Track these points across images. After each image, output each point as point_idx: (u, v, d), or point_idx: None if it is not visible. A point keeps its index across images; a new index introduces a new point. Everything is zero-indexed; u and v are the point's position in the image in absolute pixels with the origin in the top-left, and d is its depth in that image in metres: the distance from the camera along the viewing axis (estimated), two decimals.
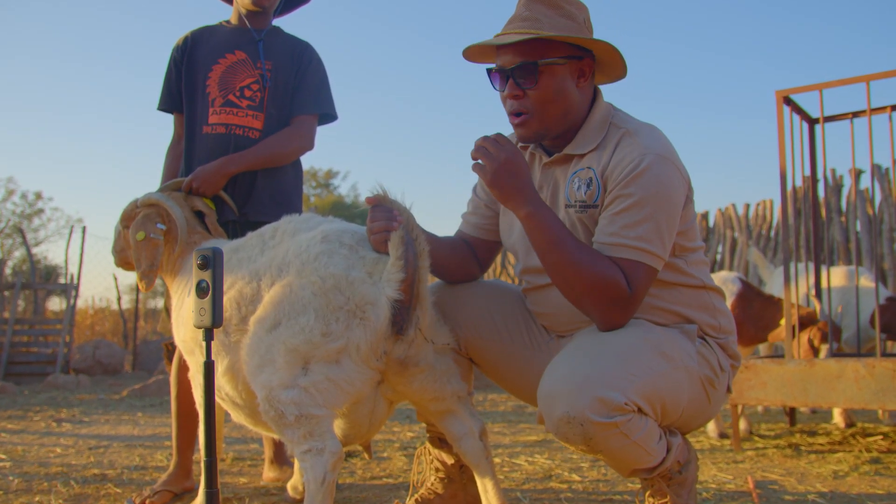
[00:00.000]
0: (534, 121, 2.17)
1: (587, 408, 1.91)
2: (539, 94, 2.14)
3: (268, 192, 3.14)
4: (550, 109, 2.16)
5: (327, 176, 37.52)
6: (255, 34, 3.20)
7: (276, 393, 2.02)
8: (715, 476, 3.36)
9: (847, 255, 9.32)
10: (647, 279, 2.06)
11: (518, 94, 2.15)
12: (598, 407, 1.91)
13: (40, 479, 3.43)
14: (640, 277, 2.05)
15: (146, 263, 2.68)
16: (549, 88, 2.14)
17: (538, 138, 2.22)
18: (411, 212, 2.18)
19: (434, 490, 2.50)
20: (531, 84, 2.14)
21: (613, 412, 1.92)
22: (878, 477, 3.33)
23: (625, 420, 1.93)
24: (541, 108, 2.16)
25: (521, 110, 2.17)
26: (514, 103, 2.17)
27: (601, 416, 1.91)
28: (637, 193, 2.04)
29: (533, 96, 2.15)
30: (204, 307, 1.91)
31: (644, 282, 2.06)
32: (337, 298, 2.06)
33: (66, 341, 10.95)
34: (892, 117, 4.19)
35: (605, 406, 1.91)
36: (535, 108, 2.16)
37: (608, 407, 1.91)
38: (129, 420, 6.01)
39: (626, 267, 2.04)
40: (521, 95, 2.15)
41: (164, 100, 3.30)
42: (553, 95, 2.15)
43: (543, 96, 2.14)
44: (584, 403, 1.91)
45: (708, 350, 2.21)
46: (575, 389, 1.93)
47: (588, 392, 1.92)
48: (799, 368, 3.82)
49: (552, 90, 2.15)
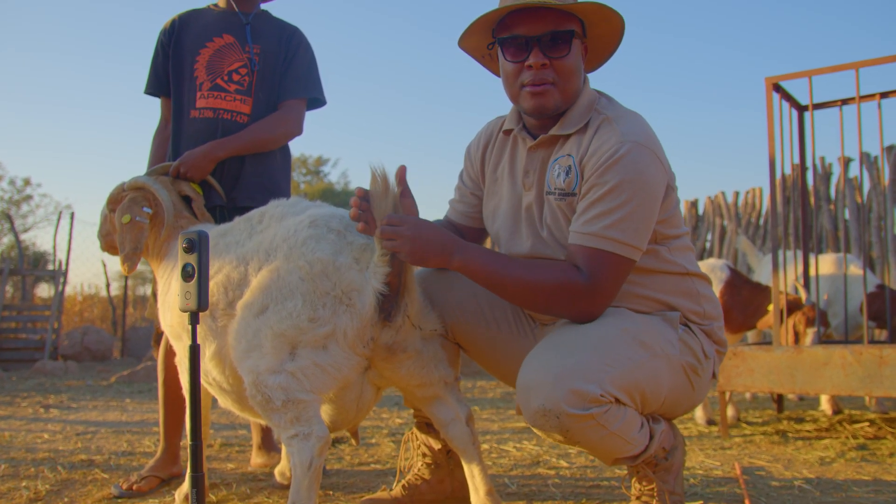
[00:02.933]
0: (556, 91, 2.14)
1: (562, 400, 1.90)
2: (566, 65, 2.13)
3: (256, 177, 3.12)
4: (573, 81, 2.15)
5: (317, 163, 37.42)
6: (243, 17, 3.17)
7: (264, 378, 2.01)
8: (702, 462, 3.37)
9: (836, 243, 9.35)
10: (614, 268, 2.04)
11: (545, 63, 2.12)
12: (573, 399, 1.90)
13: (27, 464, 3.42)
14: (605, 267, 2.02)
15: (130, 246, 2.66)
16: (574, 61, 2.14)
17: (553, 111, 2.18)
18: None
19: (421, 475, 2.51)
20: (563, 53, 2.11)
21: (589, 404, 1.91)
22: (864, 463, 3.35)
23: (601, 411, 1.92)
24: (565, 79, 2.14)
25: (544, 80, 2.13)
26: (536, 74, 2.13)
27: (577, 408, 1.90)
28: (612, 181, 2.02)
29: (559, 67, 2.12)
30: (189, 290, 1.89)
31: (610, 271, 2.03)
32: (324, 284, 2.05)
33: (54, 327, 10.91)
34: (881, 105, 4.20)
35: (581, 398, 1.90)
36: (560, 79, 2.13)
37: (584, 399, 1.91)
38: (117, 406, 5.99)
39: (591, 256, 2.02)
40: (547, 65, 2.12)
41: (151, 83, 3.27)
42: (576, 68, 2.15)
43: (570, 67, 2.13)
44: (560, 396, 1.90)
45: (691, 337, 2.20)
46: (550, 381, 1.93)
47: (563, 384, 1.91)
48: (786, 355, 3.83)
49: (576, 64, 2.15)
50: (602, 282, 2.03)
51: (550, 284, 2.03)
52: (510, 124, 2.34)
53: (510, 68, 2.18)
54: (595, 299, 2.05)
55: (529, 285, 2.04)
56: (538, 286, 2.04)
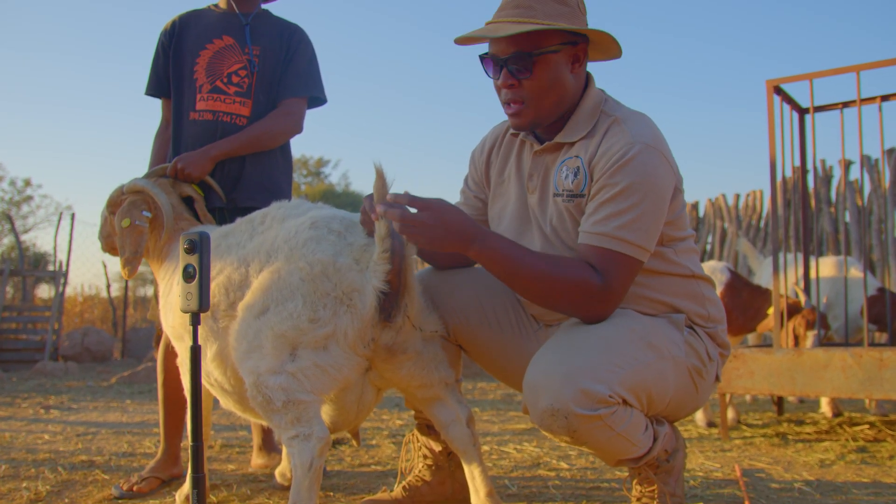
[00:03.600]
0: (529, 110, 2.13)
1: (571, 400, 1.90)
2: (534, 85, 2.10)
3: (256, 178, 3.11)
4: (546, 99, 2.13)
5: (318, 164, 37.41)
6: (243, 18, 3.17)
7: (264, 378, 2.02)
8: (702, 464, 3.37)
9: (836, 245, 9.35)
10: (626, 269, 2.03)
11: (513, 84, 2.11)
12: (582, 399, 1.90)
13: (28, 465, 3.42)
14: (618, 268, 2.02)
15: (130, 250, 2.66)
16: (544, 78, 2.10)
17: (533, 127, 2.20)
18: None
19: (422, 477, 2.51)
20: (526, 74, 2.09)
21: (598, 404, 1.91)
22: (864, 466, 3.34)
23: (609, 412, 1.92)
24: (536, 98, 2.12)
25: (515, 100, 2.13)
26: (508, 93, 2.13)
27: (585, 408, 1.90)
28: (623, 182, 2.02)
29: (528, 86, 2.11)
30: (191, 291, 1.90)
31: (622, 272, 2.03)
32: (324, 285, 2.05)
33: (54, 328, 10.90)
34: (882, 108, 4.20)
35: (590, 398, 1.90)
36: (531, 98, 2.12)
37: (592, 399, 1.90)
38: (117, 407, 5.99)
39: (606, 257, 2.01)
40: (515, 85, 2.11)
41: (151, 85, 3.27)
42: (548, 85, 2.11)
43: (539, 86, 2.11)
44: (568, 396, 1.90)
45: (696, 339, 2.20)
46: (559, 381, 1.92)
47: (572, 384, 1.91)
48: (787, 358, 3.83)
49: (547, 80, 2.11)
50: (615, 283, 2.03)
51: (570, 282, 2.00)
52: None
53: (494, 83, 2.20)
54: (608, 300, 2.05)
55: (549, 280, 2.00)
56: (557, 282, 2.01)
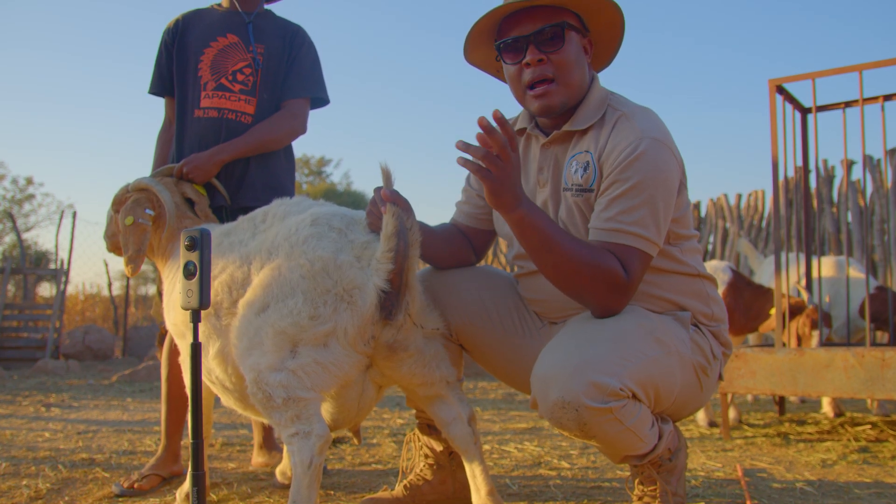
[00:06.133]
0: (558, 88, 2.13)
1: (582, 392, 1.89)
2: (562, 59, 2.11)
3: (261, 178, 3.12)
4: (574, 74, 2.14)
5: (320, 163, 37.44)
6: (246, 17, 3.17)
7: (265, 375, 2.01)
8: (704, 464, 3.37)
9: (838, 245, 9.34)
10: (642, 265, 2.05)
11: (542, 59, 2.11)
12: (592, 392, 1.89)
13: (28, 463, 3.42)
14: (636, 263, 2.03)
15: (133, 248, 2.66)
16: (571, 52, 2.13)
17: (560, 109, 2.17)
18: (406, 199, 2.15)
19: (423, 476, 2.50)
20: (556, 47, 2.11)
21: (608, 397, 1.90)
22: (865, 466, 3.34)
23: (619, 406, 1.92)
24: (565, 74, 2.13)
25: (543, 77, 2.13)
26: (535, 70, 2.13)
27: (596, 401, 1.89)
28: (634, 178, 2.02)
29: (556, 61, 2.11)
30: (191, 288, 1.89)
31: (639, 267, 2.04)
32: (325, 282, 2.04)
33: (55, 326, 10.91)
34: (885, 107, 4.19)
35: (600, 391, 1.89)
36: (559, 74, 2.12)
37: (603, 392, 1.89)
38: (118, 405, 5.99)
39: (622, 252, 2.01)
40: (544, 60, 2.12)
41: (155, 83, 3.26)
42: (575, 60, 2.13)
43: (567, 60, 2.12)
44: (579, 388, 1.89)
45: (701, 337, 2.21)
46: (570, 374, 1.91)
47: (583, 376, 1.90)
48: (788, 358, 3.83)
49: (574, 55, 2.13)
50: (635, 278, 2.04)
51: (601, 269, 1.98)
52: (523, 123, 2.34)
53: (512, 71, 2.19)
54: (626, 294, 2.05)
55: (581, 262, 1.98)
56: (589, 266, 1.98)
